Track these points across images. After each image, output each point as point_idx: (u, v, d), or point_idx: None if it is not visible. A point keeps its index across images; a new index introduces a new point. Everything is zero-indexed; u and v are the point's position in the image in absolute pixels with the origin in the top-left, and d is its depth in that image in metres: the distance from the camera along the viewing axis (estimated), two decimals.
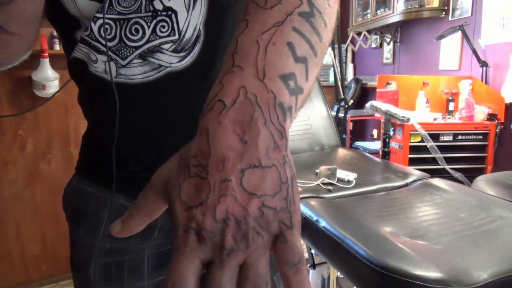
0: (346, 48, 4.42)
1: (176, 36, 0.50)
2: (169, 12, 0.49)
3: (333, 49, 2.70)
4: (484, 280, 0.69)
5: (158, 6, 0.49)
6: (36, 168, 2.09)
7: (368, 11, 3.86)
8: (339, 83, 2.64)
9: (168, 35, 0.50)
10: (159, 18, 0.49)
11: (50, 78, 1.98)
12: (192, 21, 0.50)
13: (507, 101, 2.42)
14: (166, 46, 0.50)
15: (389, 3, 3.48)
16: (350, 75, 4.49)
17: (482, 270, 0.71)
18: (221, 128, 0.24)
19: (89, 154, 0.62)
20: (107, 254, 0.59)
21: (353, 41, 4.35)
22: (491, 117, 2.44)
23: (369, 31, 3.96)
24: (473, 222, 0.92)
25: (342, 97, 2.65)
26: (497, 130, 2.42)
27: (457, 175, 2.38)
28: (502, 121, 2.43)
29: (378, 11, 3.68)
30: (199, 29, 0.51)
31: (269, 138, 0.24)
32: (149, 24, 0.49)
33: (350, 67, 4.59)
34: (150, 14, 0.49)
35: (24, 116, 2.02)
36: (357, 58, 4.62)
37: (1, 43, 0.45)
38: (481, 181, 1.72)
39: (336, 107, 2.84)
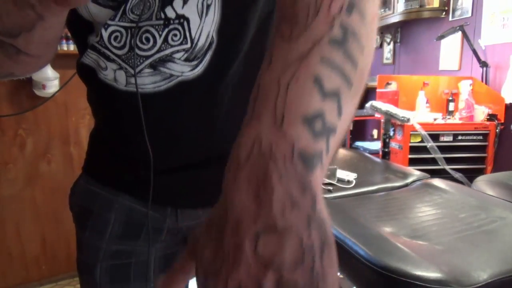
0: None
1: (189, 45, 0.48)
2: (182, 20, 0.47)
3: None
4: (484, 280, 0.69)
5: (171, 14, 0.46)
6: (36, 168, 2.09)
7: None
8: None
9: (180, 44, 0.48)
10: (171, 26, 0.47)
11: (50, 78, 1.98)
12: (205, 28, 0.48)
13: (507, 101, 2.42)
14: (178, 55, 0.48)
15: (390, 3, 3.47)
16: None
17: (482, 270, 0.71)
18: (236, 187, 0.22)
19: (96, 154, 0.61)
20: (114, 256, 0.58)
21: None
22: (491, 117, 2.44)
23: None
24: (473, 223, 0.92)
25: None
26: (497, 130, 2.41)
27: (457, 175, 2.38)
28: (502, 121, 2.43)
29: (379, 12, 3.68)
30: (212, 36, 0.49)
31: (285, 195, 0.21)
32: (160, 32, 0.47)
33: None
34: (161, 22, 0.47)
35: (24, 116, 2.02)
36: None
37: (21, 64, 0.45)
38: (481, 182, 1.72)
39: None
